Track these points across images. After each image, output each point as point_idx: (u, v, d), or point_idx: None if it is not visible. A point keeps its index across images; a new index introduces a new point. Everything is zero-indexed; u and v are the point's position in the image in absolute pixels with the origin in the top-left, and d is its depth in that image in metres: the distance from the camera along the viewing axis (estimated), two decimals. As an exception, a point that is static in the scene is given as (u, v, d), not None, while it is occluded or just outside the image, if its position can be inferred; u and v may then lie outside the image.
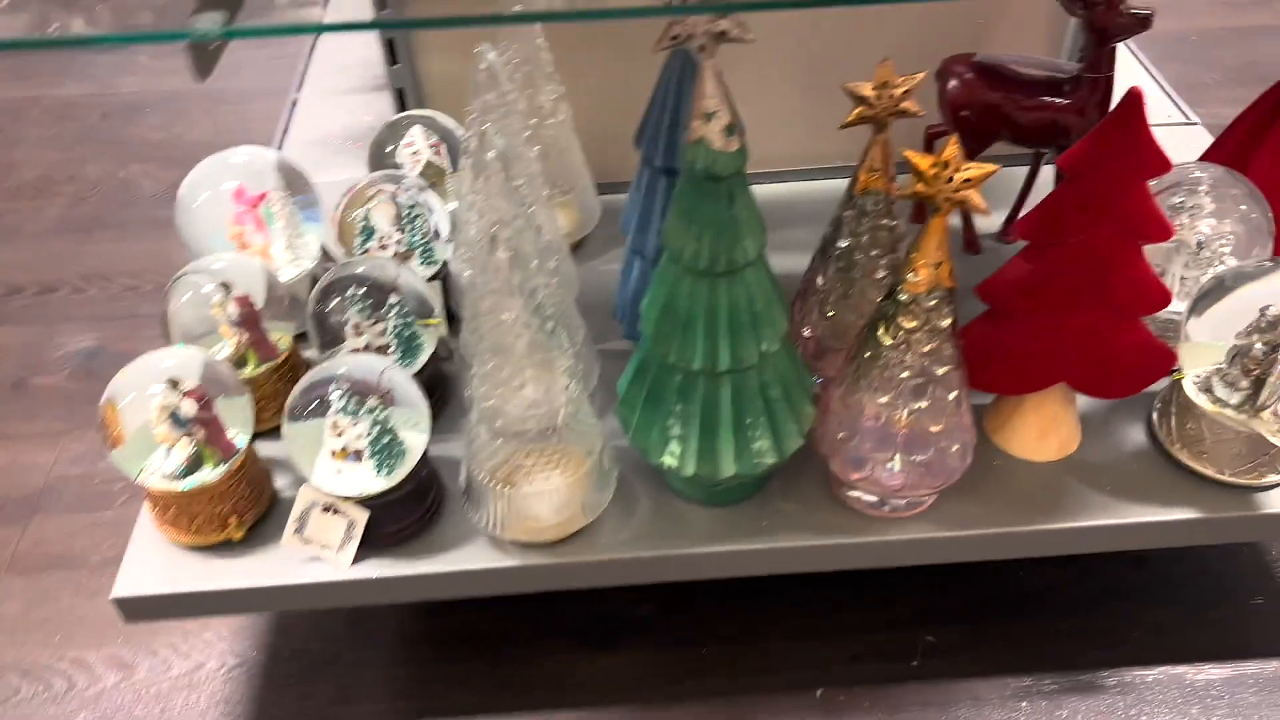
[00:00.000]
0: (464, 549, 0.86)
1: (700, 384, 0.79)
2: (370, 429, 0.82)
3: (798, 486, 0.89)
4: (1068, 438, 0.90)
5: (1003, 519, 0.86)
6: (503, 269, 0.71)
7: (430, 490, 0.88)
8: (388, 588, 0.86)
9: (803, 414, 0.83)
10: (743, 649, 1.01)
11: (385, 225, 1.01)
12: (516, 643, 1.02)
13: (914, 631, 1.01)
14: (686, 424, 0.80)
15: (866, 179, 0.84)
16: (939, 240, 0.73)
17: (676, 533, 0.87)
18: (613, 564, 0.85)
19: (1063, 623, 1.01)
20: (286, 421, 0.83)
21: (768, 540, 0.86)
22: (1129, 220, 0.77)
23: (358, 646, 1.03)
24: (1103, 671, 0.97)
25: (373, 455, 0.83)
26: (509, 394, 0.77)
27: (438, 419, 0.96)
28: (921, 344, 0.76)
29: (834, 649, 1.00)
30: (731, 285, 0.74)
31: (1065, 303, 0.81)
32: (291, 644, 1.04)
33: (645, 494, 0.90)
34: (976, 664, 0.98)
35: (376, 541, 0.86)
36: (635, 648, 1.01)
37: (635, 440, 0.84)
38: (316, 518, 0.84)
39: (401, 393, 0.84)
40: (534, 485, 0.81)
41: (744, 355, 0.77)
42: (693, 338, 0.76)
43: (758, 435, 0.81)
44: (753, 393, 0.79)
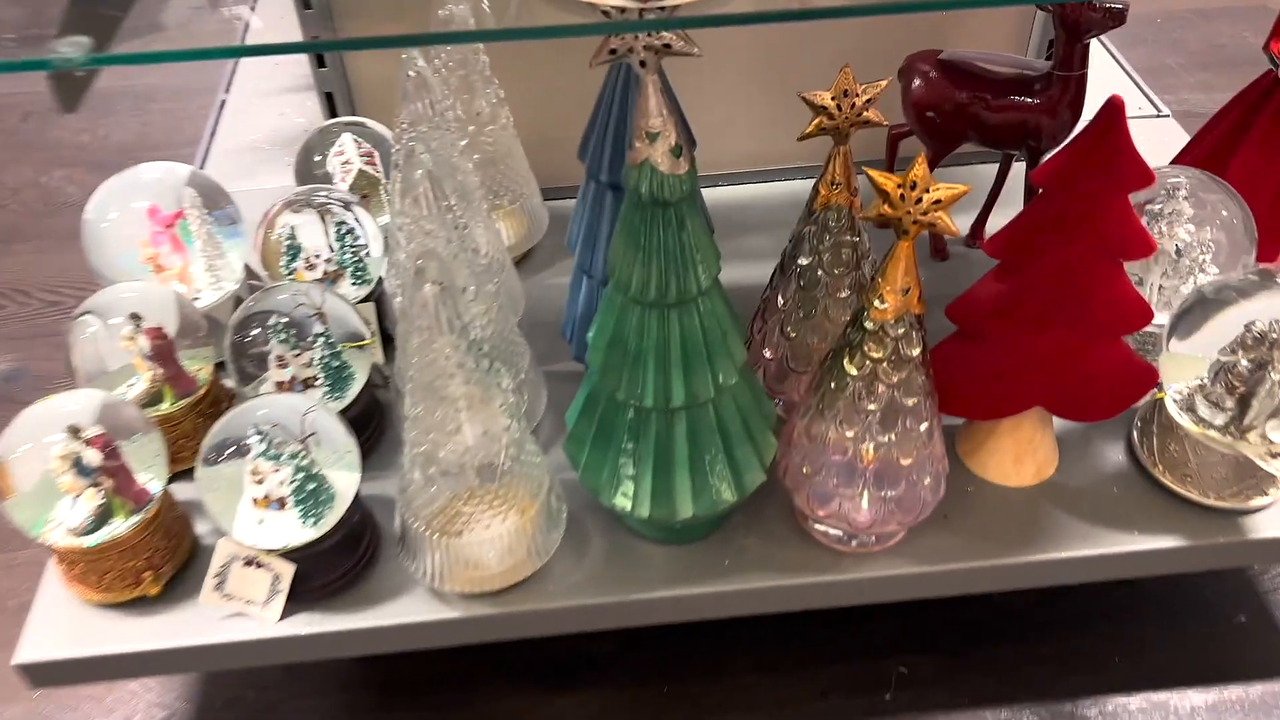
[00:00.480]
0: (402, 599, 0.80)
1: (653, 420, 0.72)
2: (294, 475, 0.75)
3: (761, 519, 0.84)
4: (1045, 461, 0.85)
5: (978, 552, 0.81)
6: (430, 305, 0.64)
7: (364, 536, 0.81)
8: (320, 644, 0.79)
9: (764, 445, 0.77)
10: (707, 686, 0.95)
11: (313, 242, 0.93)
12: (467, 686, 0.96)
13: (885, 662, 0.96)
14: (639, 463, 0.74)
15: (827, 193, 0.78)
16: (906, 265, 0.67)
17: (632, 575, 0.81)
18: (564, 612, 0.79)
19: (1041, 647, 0.96)
20: (200, 467, 0.76)
21: (730, 581, 0.80)
22: (1109, 237, 0.72)
23: (297, 693, 0.97)
24: (1084, 700, 0.92)
25: (298, 503, 0.76)
26: (443, 437, 0.70)
27: (373, 451, 0.90)
28: (889, 374, 0.71)
29: (802, 683, 0.95)
30: (684, 316, 0.68)
31: (1041, 323, 0.76)
32: (225, 693, 0.97)
33: (598, 533, 0.83)
34: (952, 695, 0.93)
35: (306, 594, 0.79)
36: (594, 687, 0.96)
37: (585, 480, 0.78)
38: (238, 572, 0.77)
39: (328, 435, 0.77)
40: (475, 533, 0.75)
41: (699, 390, 0.71)
42: (643, 373, 0.70)
43: (716, 473, 0.75)
44: (709, 428, 0.73)
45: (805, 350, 0.85)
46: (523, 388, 0.87)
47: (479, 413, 0.70)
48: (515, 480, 0.75)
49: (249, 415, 0.76)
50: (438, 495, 0.74)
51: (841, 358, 0.72)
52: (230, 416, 0.76)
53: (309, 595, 0.79)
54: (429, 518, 0.75)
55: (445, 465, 0.72)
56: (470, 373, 0.68)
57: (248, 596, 0.78)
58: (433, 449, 0.71)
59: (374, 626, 0.79)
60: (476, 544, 0.75)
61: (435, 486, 0.73)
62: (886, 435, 0.73)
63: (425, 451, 0.71)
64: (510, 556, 0.77)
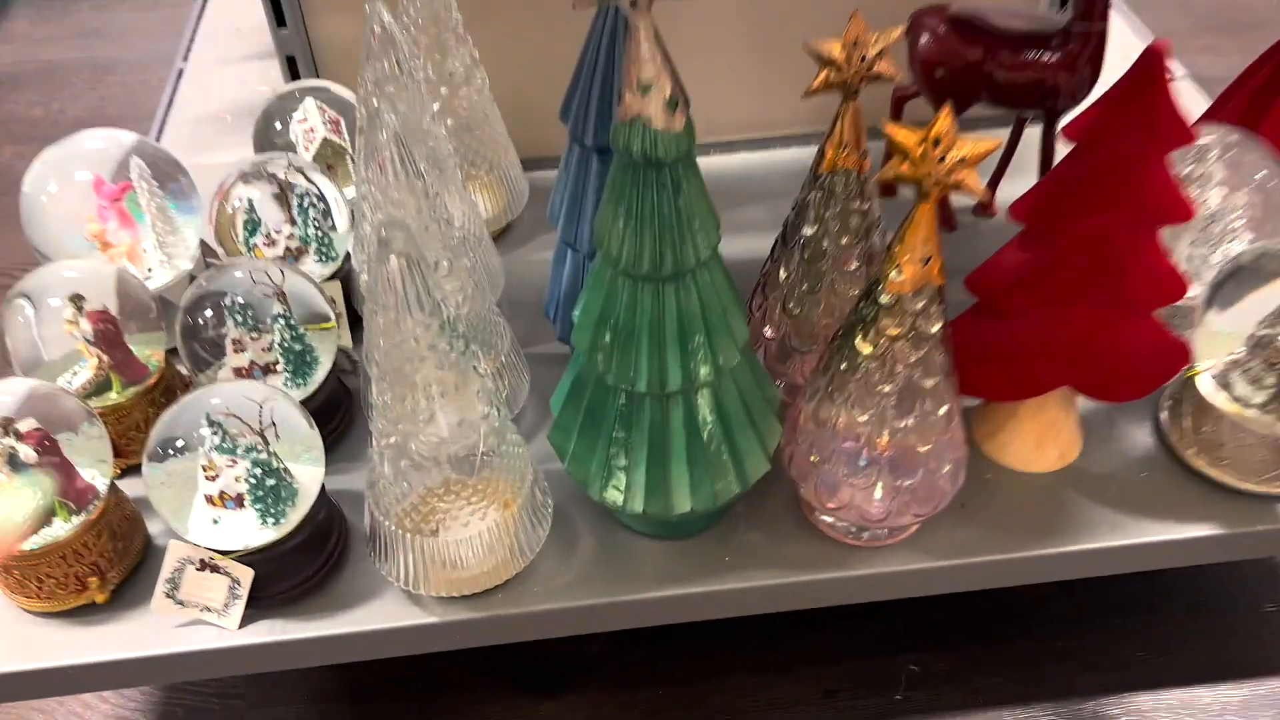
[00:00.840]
0: (374, 604, 0.73)
1: (647, 406, 0.66)
2: (251, 470, 0.68)
3: (764, 512, 0.77)
4: (1068, 445, 0.79)
5: (998, 544, 0.75)
6: (396, 281, 0.57)
7: (331, 535, 0.74)
8: (285, 653, 0.72)
9: (768, 431, 0.71)
10: (705, 689, 0.89)
11: (273, 216, 0.86)
12: (447, 692, 0.89)
13: (895, 659, 0.90)
14: (632, 453, 0.68)
15: (834, 156, 0.72)
16: (927, 232, 0.60)
17: (625, 574, 0.74)
18: (551, 615, 0.73)
19: (1059, 641, 0.91)
20: (147, 463, 0.69)
21: (731, 579, 0.74)
22: (1146, 201, 0.65)
23: (264, 701, 0.90)
24: (1106, 699, 0.87)
25: (256, 501, 0.69)
26: (414, 427, 0.63)
27: (340, 443, 0.83)
28: (907, 353, 0.64)
29: (806, 684, 0.89)
30: (680, 290, 0.61)
31: (1070, 296, 0.69)
32: (184, 701, 0.90)
33: (587, 529, 0.77)
34: (966, 695, 0.87)
35: (269, 599, 0.72)
36: (582, 692, 0.89)
37: (573, 472, 0.71)
38: (192, 577, 0.71)
39: (289, 426, 0.70)
40: (453, 531, 0.68)
41: (697, 373, 0.64)
42: (635, 354, 0.63)
43: (717, 463, 0.68)
44: (709, 414, 0.67)
45: (809, 328, 0.78)
46: (503, 372, 0.81)
47: (454, 400, 0.63)
48: (495, 473, 0.68)
49: (200, 405, 0.69)
50: (410, 491, 0.67)
51: (853, 336, 0.65)
52: (180, 407, 0.69)
53: (272, 600, 0.72)
54: (401, 515, 0.68)
55: (418, 458, 0.65)
56: (443, 355, 0.61)
57: (204, 603, 0.71)
58: (403, 440, 0.64)
59: (344, 633, 0.72)
60: (454, 543, 0.69)
61: (407, 481, 0.67)
62: (903, 420, 0.67)
63: (395, 443, 0.64)
64: (491, 556, 0.70)
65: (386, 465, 0.66)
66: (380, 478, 0.67)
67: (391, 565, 0.70)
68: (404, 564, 0.70)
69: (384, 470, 0.66)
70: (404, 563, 0.70)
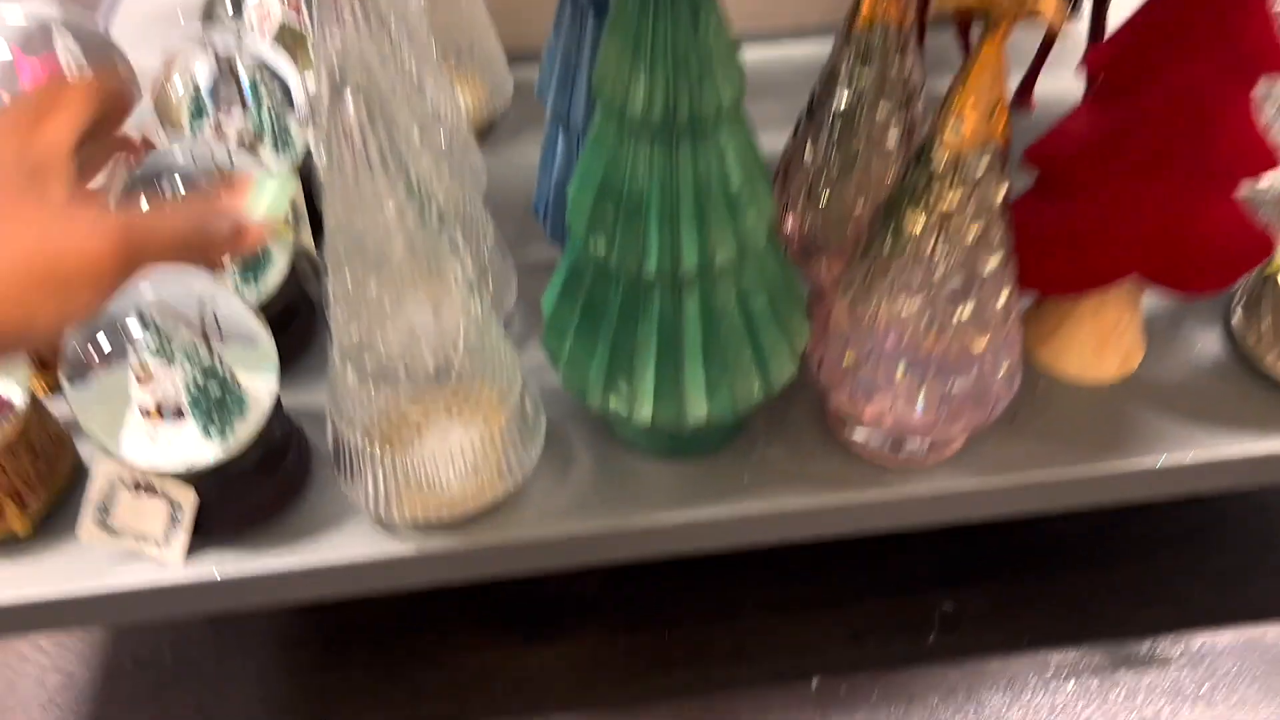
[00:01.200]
0: (341, 532, 0.63)
1: (656, 296, 0.56)
2: (191, 376, 0.58)
3: (786, 427, 0.68)
4: (1131, 350, 0.70)
5: (1053, 461, 0.66)
6: (353, 129, 0.47)
7: (287, 454, 0.65)
8: (237, 591, 0.63)
9: (795, 330, 0.61)
10: (716, 632, 0.80)
11: (220, 100, 0.75)
12: (427, 638, 0.80)
13: (927, 598, 0.81)
14: (639, 353, 0.58)
15: (871, 6, 0.61)
16: (994, 73, 0.50)
17: (629, 498, 0.65)
18: (545, 545, 0.63)
19: (1108, 576, 0.82)
20: (66, 370, 0.59)
21: (751, 503, 0.64)
22: (1243, 48, 0.55)
23: (223, 653, 0.80)
24: (1163, 637, 0.78)
25: (198, 412, 0.59)
26: (380, 320, 0.53)
27: (302, 356, 0.73)
28: (964, 228, 0.54)
29: (829, 625, 0.80)
30: (698, 148, 0.51)
31: (1148, 166, 0.60)
32: (135, 653, 0.80)
33: (585, 447, 0.67)
34: (1007, 636, 0.79)
35: (219, 528, 0.62)
36: (579, 637, 0.80)
37: (569, 379, 0.62)
38: (126, 501, 0.61)
39: (235, 325, 0.60)
40: (429, 445, 0.58)
41: (718, 251, 0.54)
42: (643, 229, 0.53)
43: (737, 363, 0.58)
44: (729, 305, 0.57)
45: (839, 218, 0.68)
46: (486, 274, 0.71)
47: (427, 285, 0.53)
48: (479, 377, 0.58)
49: (131, 301, 0.58)
50: (378, 398, 0.57)
51: (898, 211, 0.55)
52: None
53: (222, 529, 0.62)
54: (368, 427, 0.58)
55: (386, 359, 0.55)
56: (413, 230, 0.51)
57: (141, 532, 0.61)
58: (367, 336, 0.54)
59: (305, 568, 0.62)
60: (431, 459, 0.59)
61: (374, 386, 0.56)
62: (956, 311, 0.57)
63: (358, 340, 0.54)
64: (475, 476, 0.61)
65: (349, 368, 0.56)
66: (340, 382, 0.57)
67: (359, 486, 0.60)
68: (373, 484, 0.60)
69: (345, 374, 0.56)
70: (373, 483, 0.60)
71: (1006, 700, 0.75)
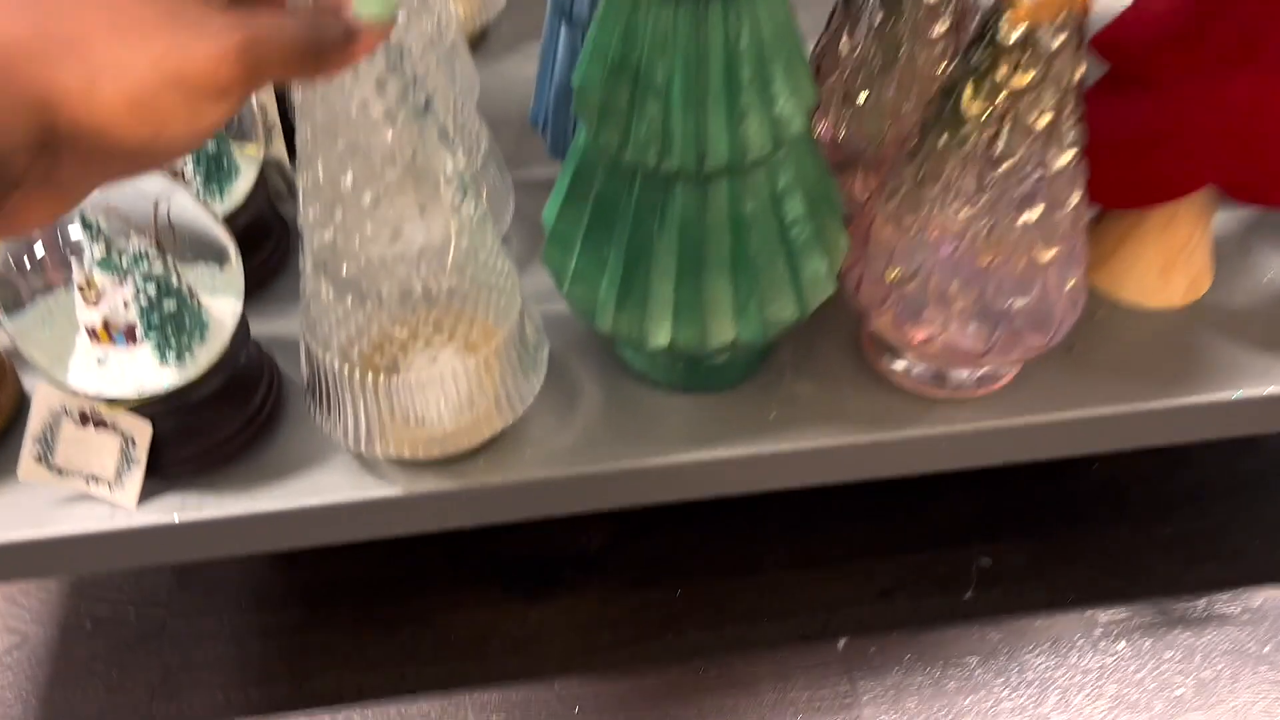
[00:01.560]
0: (319, 472, 0.56)
1: (678, 195, 0.48)
2: (143, 288, 0.51)
3: (817, 357, 0.61)
4: (1200, 273, 0.63)
5: (1115, 395, 0.59)
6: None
7: (258, 384, 0.57)
8: (199, 538, 0.56)
9: (833, 241, 0.54)
10: (733, 588, 0.73)
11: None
12: (416, 595, 0.73)
13: (963, 551, 0.74)
14: (656, 265, 0.50)
15: None
16: (1079, -75, 0.43)
17: (641, 435, 0.58)
18: (547, 487, 0.56)
19: (1158, 529, 0.75)
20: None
21: (779, 440, 0.57)
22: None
23: (190, 611, 0.73)
24: (1219, 595, 0.72)
25: (151, 331, 0.52)
26: (358, 219, 0.46)
27: (273, 285, 0.66)
28: (1036, 113, 0.47)
29: (856, 582, 0.73)
30: (730, 16, 0.44)
31: (1235, 58, 0.52)
32: (94, 611, 0.73)
33: (593, 379, 0.60)
34: (1050, 593, 0.72)
35: (180, 466, 0.55)
36: (582, 594, 0.73)
37: (575, 297, 0.54)
38: (71, 435, 0.53)
39: (194, 232, 0.52)
40: (416, 371, 0.51)
41: (749, 143, 0.47)
42: (665, 115, 0.46)
43: (769, 276, 0.51)
44: (762, 208, 0.49)
45: (878, 120, 0.61)
46: (480, 185, 0.63)
47: (413, 183, 0.46)
48: (473, 297, 0.51)
49: (74, 204, 0.51)
50: (356, 315, 0.50)
51: (958, 93, 0.48)
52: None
53: (181, 469, 0.55)
54: (345, 348, 0.51)
55: (364, 266, 0.47)
56: (393, 109, 0.43)
57: (90, 471, 0.54)
58: (344, 239, 0.46)
59: (277, 512, 0.55)
60: (418, 388, 0.51)
61: (353, 302, 0.49)
62: (1022, 216, 0.50)
63: (333, 244, 0.47)
64: (468, 408, 0.53)
65: (324, 279, 0.49)
66: (315, 298, 0.50)
67: (336, 419, 0.53)
68: (352, 417, 0.52)
69: (319, 284, 0.49)
70: (352, 415, 0.52)
71: (1052, 662, 0.68)
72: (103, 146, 0.28)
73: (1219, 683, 0.67)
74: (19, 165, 0.27)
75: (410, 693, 0.69)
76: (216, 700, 0.69)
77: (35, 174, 0.28)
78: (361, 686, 0.69)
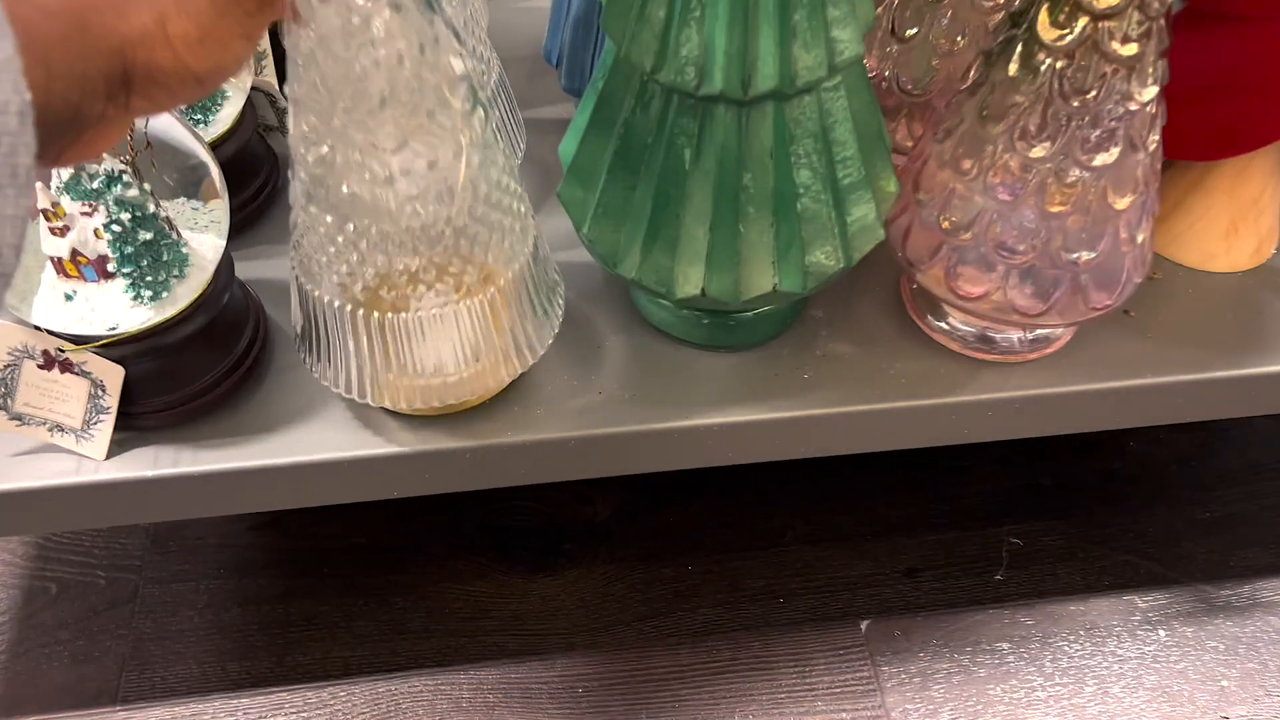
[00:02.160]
0: (309, 425, 0.51)
1: (717, 123, 0.43)
2: (116, 217, 0.45)
3: (853, 315, 0.56)
4: (1268, 234, 0.58)
5: (1177, 363, 0.54)
6: None
7: (244, 327, 0.52)
8: (176, 495, 0.50)
9: (882, 185, 0.49)
10: (746, 563, 0.69)
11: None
12: (410, 564, 0.68)
13: (992, 530, 0.70)
14: (690, 203, 0.45)
15: None
16: None
17: (662, 395, 0.53)
18: (559, 449, 0.51)
19: (1198, 511, 0.71)
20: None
21: (814, 402, 0.52)
22: None
23: (165, 576, 0.68)
24: (1264, 583, 0.67)
25: (124, 263, 0.46)
26: (360, 131, 0.40)
27: (262, 225, 0.61)
28: (1120, 42, 0.42)
29: (881, 559, 0.69)
30: (787, -88, 0.39)
31: (1331, -11, 0.48)
32: (60, 575, 0.68)
33: (611, 331, 0.55)
34: (1084, 576, 0.68)
35: (152, 416, 0.50)
36: (586, 568, 0.69)
37: (596, 240, 0.49)
38: (33, 378, 0.48)
39: (176, 154, 0.47)
40: (420, 309, 0.46)
41: (803, 64, 0.42)
42: (707, 30, 0.41)
43: (813, 220, 0.46)
44: (809, 141, 0.44)
45: (926, 59, 0.56)
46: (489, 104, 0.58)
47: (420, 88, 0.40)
48: (481, 238, 0.46)
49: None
50: (350, 252, 0.44)
51: (1033, 16, 0.43)
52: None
53: (157, 418, 0.50)
54: (342, 285, 0.45)
55: (360, 191, 0.42)
56: (408, 10, 0.38)
57: (54, 418, 0.49)
58: (343, 155, 0.41)
59: (262, 467, 0.50)
60: (421, 327, 0.46)
61: (348, 237, 0.44)
62: (1098, 156, 0.45)
63: (326, 161, 0.41)
64: (477, 357, 0.48)
65: (315, 206, 0.43)
66: (307, 225, 0.44)
67: (330, 366, 0.48)
68: (346, 364, 0.47)
69: (310, 212, 0.44)
70: (346, 362, 0.47)
71: (1088, 649, 0.64)
72: (177, 76, 0.31)
73: (1266, 675, 0.63)
74: (98, 107, 0.30)
75: (400, 669, 0.64)
76: (191, 673, 0.64)
77: (111, 111, 0.31)
78: (348, 662, 0.64)
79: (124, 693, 0.63)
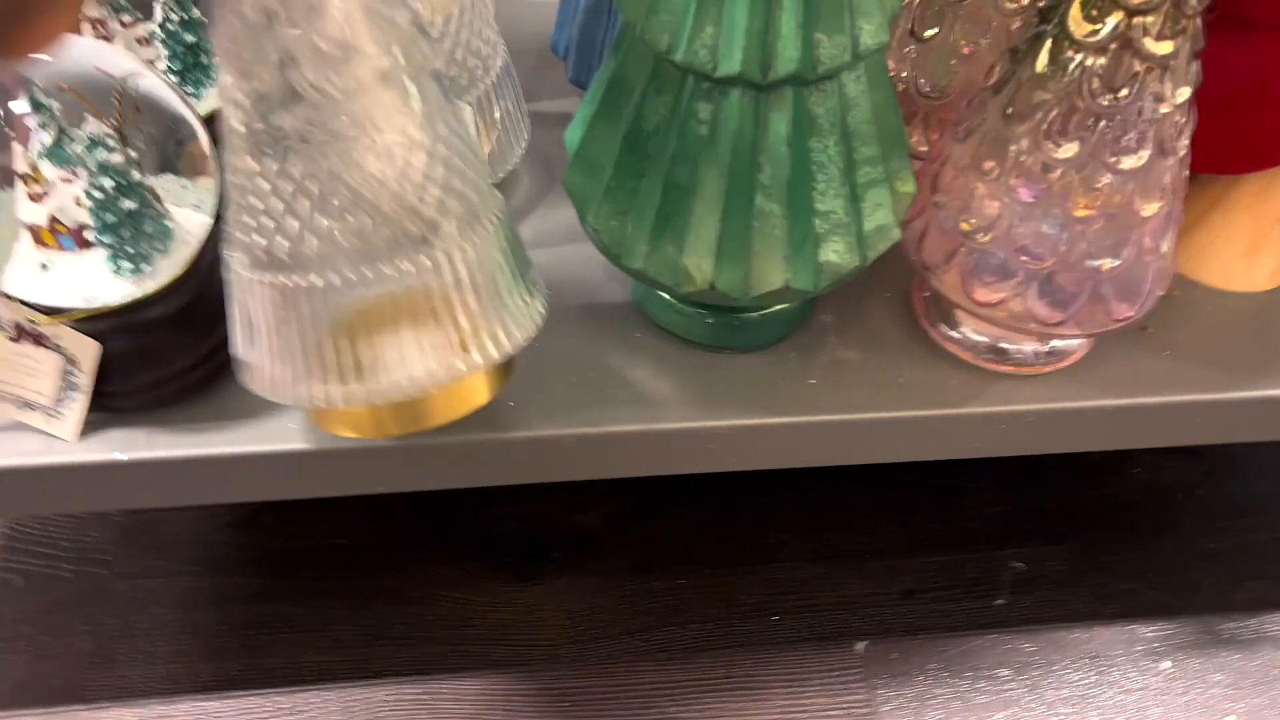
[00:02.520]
0: (287, 415, 0.49)
1: (733, 108, 0.41)
2: (97, 182, 0.43)
3: (863, 319, 0.54)
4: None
5: (1194, 382, 0.53)
6: None
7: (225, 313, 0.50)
8: (151, 481, 0.48)
9: (900, 183, 0.47)
10: (741, 579, 0.66)
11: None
12: (390, 568, 0.66)
13: (994, 553, 0.68)
14: (701, 192, 0.44)
15: None
16: None
17: (661, 395, 0.51)
18: (551, 447, 0.49)
19: (1206, 539, 0.69)
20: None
21: (819, 410, 0.50)
22: None
23: (134, 571, 0.66)
24: (1270, 616, 0.66)
25: (105, 232, 0.44)
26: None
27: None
28: (1155, 39, 0.41)
29: (879, 579, 0.67)
30: (816, -113, 0.37)
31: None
32: (24, 565, 0.65)
33: (608, 331, 0.53)
34: (1090, 603, 0.66)
35: (130, 397, 0.48)
36: (574, 577, 0.66)
37: (602, 230, 0.47)
38: (4, 351, 0.46)
39: (163, 118, 0.45)
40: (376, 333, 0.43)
41: (825, 50, 0.40)
42: (725, 10, 0.39)
43: (828, 213, 0.44)
44: (829, 130, 0.43)
45: (945, 60, 0.54)
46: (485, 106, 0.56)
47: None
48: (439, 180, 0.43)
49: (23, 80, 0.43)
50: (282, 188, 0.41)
51: (1064, 10, 0.42)
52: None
53: (133, 398, 0.48)
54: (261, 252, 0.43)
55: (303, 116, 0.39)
56: None
57: (24, 395, 0.46)
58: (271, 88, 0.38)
59: (237, 456, 0.48)
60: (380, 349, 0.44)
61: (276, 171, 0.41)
62: (1126, 159, 0.43)
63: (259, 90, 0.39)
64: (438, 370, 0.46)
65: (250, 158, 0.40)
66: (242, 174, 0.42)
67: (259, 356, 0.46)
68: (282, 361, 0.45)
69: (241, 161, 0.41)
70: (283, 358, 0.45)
71: (1091, 678, 0.62)
72: None
73: (1273, 710, 0.61)
74: None
75: (378, 677, 0.61)
76: (158, 674, 0.61)
77: None
78: (323, 667, 0.62)
79: (87, 692, 0.60)
